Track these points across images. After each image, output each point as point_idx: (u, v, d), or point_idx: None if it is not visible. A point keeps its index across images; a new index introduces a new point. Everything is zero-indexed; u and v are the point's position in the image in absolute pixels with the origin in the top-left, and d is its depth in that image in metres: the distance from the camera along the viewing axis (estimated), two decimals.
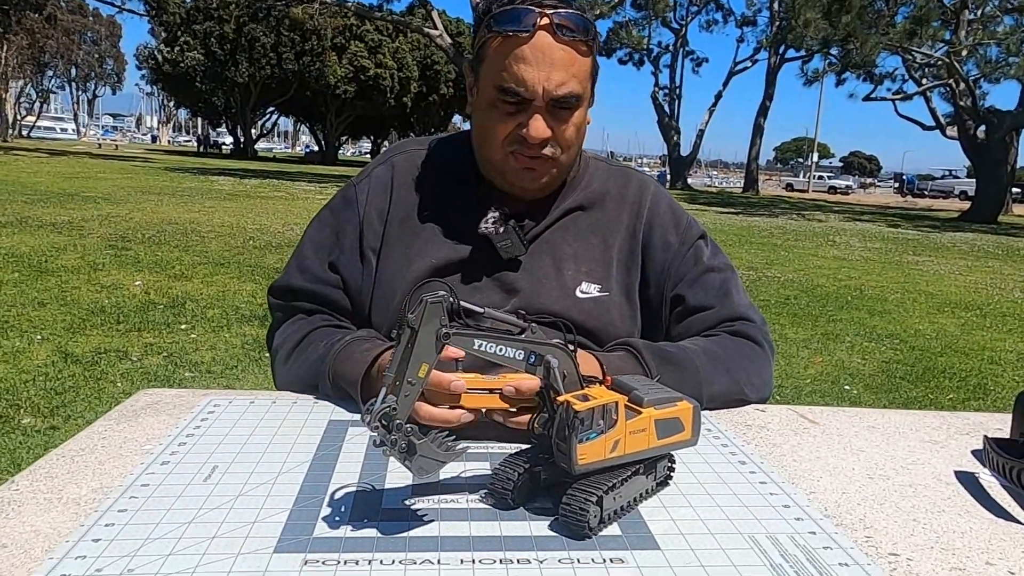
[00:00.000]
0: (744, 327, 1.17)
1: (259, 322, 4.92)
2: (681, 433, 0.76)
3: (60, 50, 50.76)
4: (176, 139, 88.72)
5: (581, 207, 1.19)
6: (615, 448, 0.71)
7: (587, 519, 0.67)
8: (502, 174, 1.12)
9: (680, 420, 0.76)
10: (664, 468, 0.78)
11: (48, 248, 7.07)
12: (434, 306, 0.67)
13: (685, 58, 39.02)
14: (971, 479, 0.88)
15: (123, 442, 0.87)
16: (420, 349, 0.67)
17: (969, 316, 6.89)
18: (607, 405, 0.70)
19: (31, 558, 0.62)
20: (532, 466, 0.74)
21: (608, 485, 0.69)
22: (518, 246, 1.12)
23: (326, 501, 0.73)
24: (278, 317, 1.23)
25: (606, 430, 0.70)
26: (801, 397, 4.15)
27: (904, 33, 21.45)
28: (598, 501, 0.68)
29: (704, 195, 30.69)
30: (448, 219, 1.16)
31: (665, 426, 0.74)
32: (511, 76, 1.03)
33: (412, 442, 0.67)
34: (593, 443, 0.69)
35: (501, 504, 0.73)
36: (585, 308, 1.13)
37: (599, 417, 0.69)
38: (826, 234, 14.76)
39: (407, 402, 0.67)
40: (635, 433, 0.72)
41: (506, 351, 0.71)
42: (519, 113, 1.05)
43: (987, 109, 22.48)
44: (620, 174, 1.26)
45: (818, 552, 0.67)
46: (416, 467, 0.68)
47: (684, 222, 1.24)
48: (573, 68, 1.04)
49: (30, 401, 3.32)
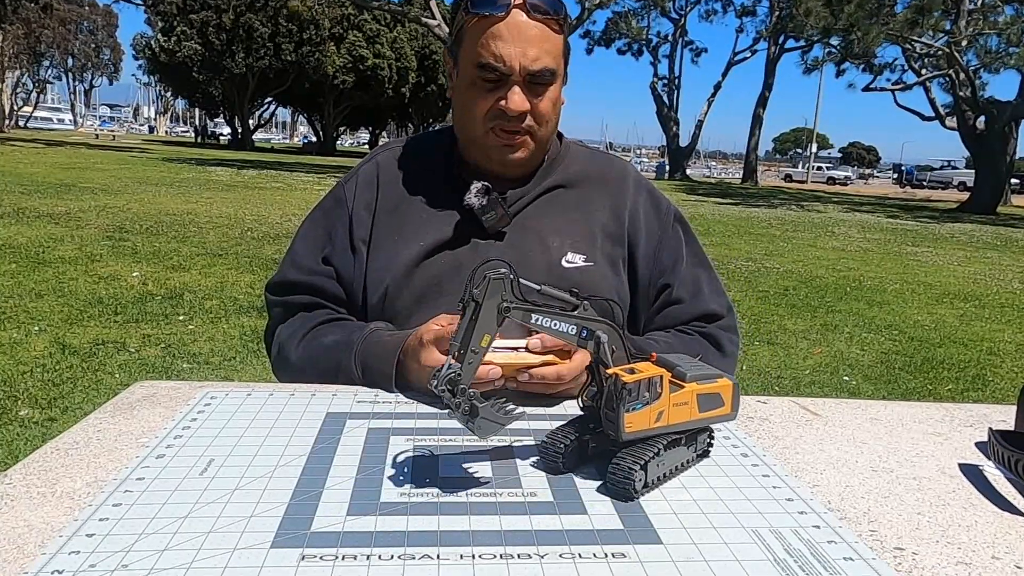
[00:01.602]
0: (712, 330, 1.24)
1: (257, 313, 4.91)
2: (721, 408, 0.81)
3: (56, 40, 50.54)
4: (173, 129, 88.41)
5: (562, 185, 1.25)
6: (659, 419, 0.75)
7: (633, 482, 0.72)
8: (484, 151, 1.17)
9: (721, 395, 0.80)
10: (704, 441, 0.83)
11: (45, 239, 7.05)
12: (497, 282, 0.74)
13: (684, 48, 38.92)
14: (976, 472, 0.87)
15: (118, 435, 0.86)
16: (483, 321, 0.73)
17: (968, 307, 6.89)
18: (652, 378, 0.74)
19: (24, 553, 0.61)
20: (581, 435, 0.79)
21: (653, 452, 0.74)
22: (502, 217, 1.16)
23: (324, 495, 0.72)
24: (276, 313, 1.25)
25: (651, 401, 0.74)
26: (800, 388, 4.15)
27: (905, 22, 21.37)
28: (643, 466, 0.73)
29: (703, 186, 30.64)
30: (433, 203, 1.21)
31: (707, 400, 0.79)
32: (489, 53, 1.09)
33: (475, 405, 0.73)
34: (639, 413, 0.74)
35: (551, 468, 0.78)
36: (571, 278, 1.16)
37: (645, 389, 0.74)
38: (825, 225, 14.75)
39: (471, 369, 0.73)
40: (678, 405, 0.77)
41: (560, 325, 0.77)
42: (498, 89, 1.11)
43: (987, 99, 22.43)
44: (600, 157, 1.33)
45: (822, 546, 0.67)
46: (478, 428, 0.74)
47: (663, 207, 1.30)
48: (547, 44, 1.10)
49: (28, 392, 3.31)
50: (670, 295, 1.24)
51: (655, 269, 1.24)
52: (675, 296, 1.24)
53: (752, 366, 4.49)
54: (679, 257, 1.26)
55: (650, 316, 1.25)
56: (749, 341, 5.05)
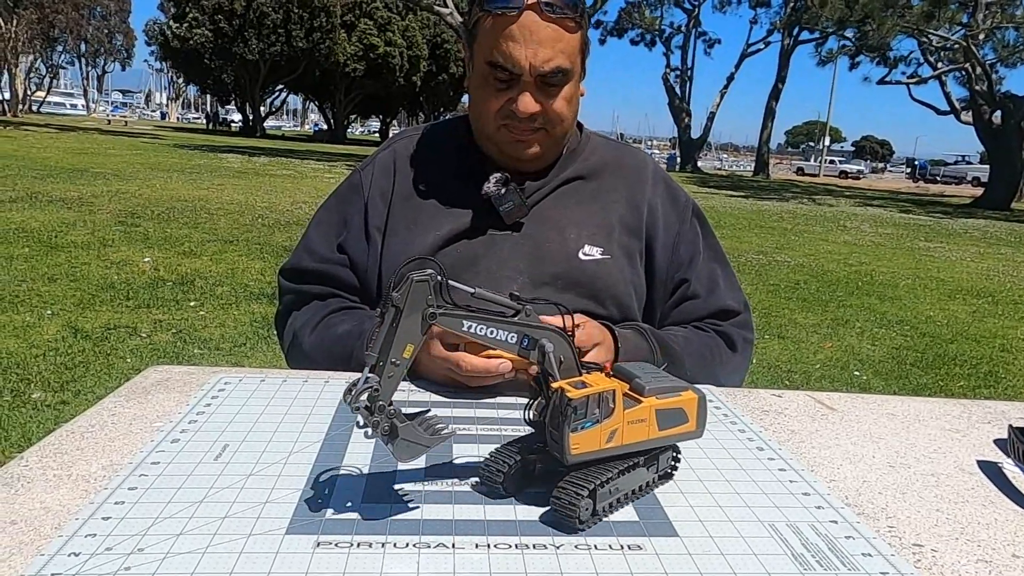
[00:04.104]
0: (727, 328, 1.23)
1: (268, 300, 4.92)
2: (685, 425, 0.71)
3: (69, 25, 50.62)
4: (185, 116, 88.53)
5: (581, 177, 1.23)
6: (612, 438, 0.67)
7: (577, 512, 0.64)
8: (496, 145, 1.17)
9: (684, 411, 0.71)
10: (668, 460, 0.74)
11: (58, 224, 7.08)
12: (420, 285, 0.64)
13: (697, 39, 38.69)
14: (995, 469, 0.86)
15: (133, 419, 0.86)
16: (405, 329, 0.64)
17: (981, 303, 6.84)
18: (604, 393, 0.66)
19: (40, 535, 0.61)
20: (526, 454, 0.71)
21: (603, 477, 0.66)
22: (520, 207, 1.15)
23: (338, 481, 0.72)
24: (288, 300, 1.25)
25: (602, 419, 0.66)
26: (811, 382, 4.14)
27: (922, 15, 21.16)
28: (590, 494, 0.65)
29: (714, 178, 30.49)
30: (450, 192, 1.20)
31: (667, 416, 0.70)
32: (500, 53, 1.07)
33: (395, 424, 0.64)
34: (588, 432, 0.66)
35: (492, 492, 0.70)
36: (588, 270, 1.16)
37: (595, 405, 0.66)
38: (837, 219, 14.66)
39: (391, 383, 0.64)
40: (634, 423, 0.68)
41: (497, 333, 0.68)
42: (509, 89, 1.10)
43: (1003, 94, 22.18)
44: (620, 149, 1.31)
45: (840, 542, 0.66)
46: (397, 449, 0.66)
47: (681, 200, 1.29)
48: (560, 44, 1.08)
49: (40, 376, 3.34)
50: (687, 290, 1.23)
51: (672, 262, 1.23)
52: (692, 291, 1.23)
53: (762, 360, 4.48)
54: (696, 251, 1.25)
55: (666, 311, 1.24)
56: (759, 335, 5.03)
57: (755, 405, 1.04)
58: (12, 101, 40.29)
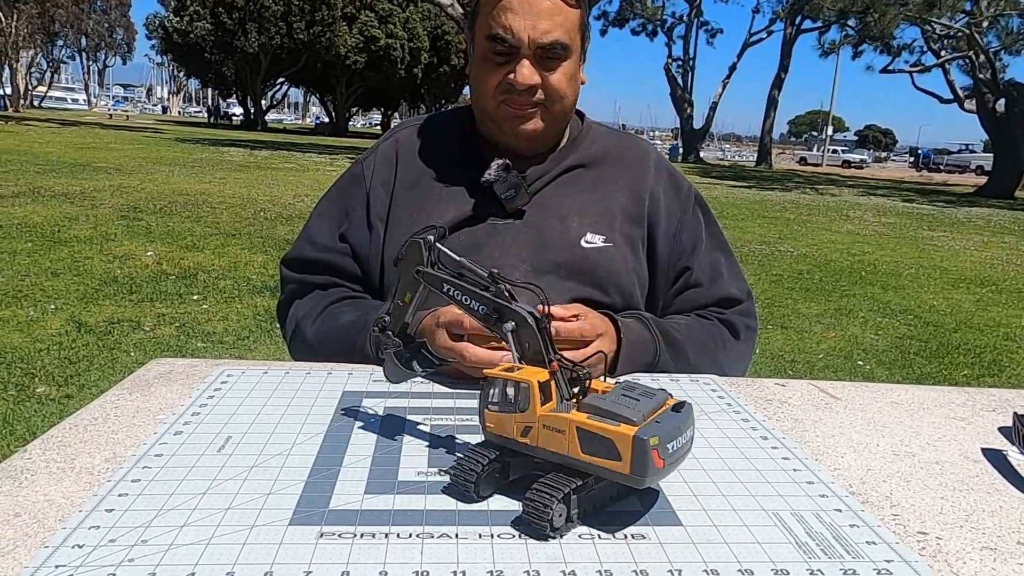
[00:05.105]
0: (730, 316, 1.23)
1: (270, 293, 4.93)
2: (615, 461, 0.61)
3: (70, 19, 50.59)
4: (186, 110, 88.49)
5: (582, 165, 1.23)
6: (527, 434, 0.65)
7: (550, 518, 0.61)
8: (496, 123, 1.17)
9: (615, 445, 0.61)
10: None
11: (61, 218, 7.09)
12: (414, 244, 0.77)
13: (699, 29, 38.47)
14: (999, 457, 0.85)
15: (136, 412, 0.86)
16: (406, 279, 0.78)
17: (984, 292, 6.82)
18: (521, 383, 0.65)
19: (44, 528, 0.61)
20: (502, 456, 0.68)
21: (579, 482, 0.63)
22: (522, 195, 1.15)
23: (341, 473, 0.72)
24: (291, 289, 1.25)
25: (518, 410, 0.65)
26: (814, 372, 4.13)
27: (924, 3, 21.03)
28: (564, 499, 0.62)
29: (717, 168, 30.42)
30: (452, 182, 1.20)
31: (592, 442, 0.62)
32: (498, 24, 1.08)
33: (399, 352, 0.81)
34: (505, 417, 0.66)
35: (463, 497, 0.68)
36: (591, 258, 1.16)
37: (514, 392, 0.65)
38: (840, 208, 14.62)
39: (397, 318, 0.81)
40: (550, 430, 0.64)
41: (471, 302, 0.73)
42: (508, 63, 1.10)
43: (1007, 82, 22.06)
44: (622, 138, 1.31)
45: (844, 530, 0.66)
46: (388, 370, 0.83)
47: (684, 189, 1.28)
48: (559, 18, 1.09)
49: (44, 370, 3.35)
50: (689, 278, 1.23)
51: (674, 251, 1.23)
52: (694, 280, 1.23)
53: (766, 349, 4.47)
54: (699, 240, 1.25)
55: (669, 299, 1.24)
56: (763, 325, 5.01)
57: (759, 394, 1.03)
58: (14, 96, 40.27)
